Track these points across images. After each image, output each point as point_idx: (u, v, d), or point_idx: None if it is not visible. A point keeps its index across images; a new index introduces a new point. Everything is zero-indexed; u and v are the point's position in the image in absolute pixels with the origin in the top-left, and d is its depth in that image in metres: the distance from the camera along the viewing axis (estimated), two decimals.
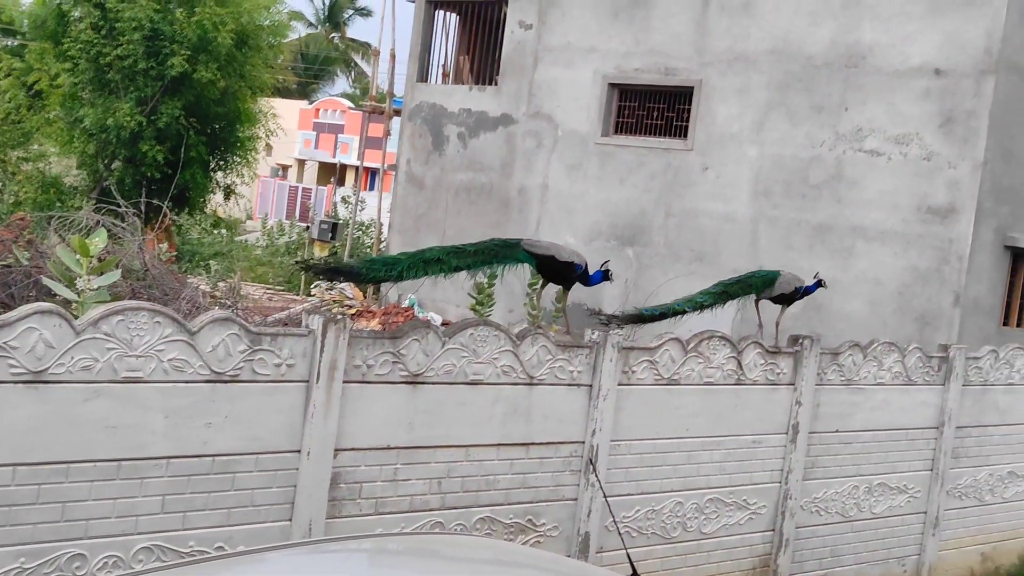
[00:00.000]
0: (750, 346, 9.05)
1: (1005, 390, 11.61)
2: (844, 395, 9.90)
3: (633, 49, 20.34)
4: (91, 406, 5.80)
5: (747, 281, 10.04)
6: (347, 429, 6.75)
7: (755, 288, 10.02)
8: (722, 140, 19.30)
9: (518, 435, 7.61)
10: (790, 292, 10.05)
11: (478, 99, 22.59)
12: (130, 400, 5.91)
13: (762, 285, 10.01)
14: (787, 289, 10.03)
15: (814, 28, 18.43)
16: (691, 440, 8.72)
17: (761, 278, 10.11)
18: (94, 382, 5.79)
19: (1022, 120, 17.43)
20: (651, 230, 20.01)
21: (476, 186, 22.44)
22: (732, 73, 19.24)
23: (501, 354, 7.42)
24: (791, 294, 10.06)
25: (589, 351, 7.95)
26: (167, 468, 6.08)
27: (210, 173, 29.76)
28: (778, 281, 10.00)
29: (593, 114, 20.78)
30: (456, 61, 23.74)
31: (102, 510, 5.89)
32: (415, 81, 23.70)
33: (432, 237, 22.93)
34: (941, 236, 17.15)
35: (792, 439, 9.46)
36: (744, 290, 9.93)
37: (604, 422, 8.05)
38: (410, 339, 6.97)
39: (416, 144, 23.50)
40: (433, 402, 7.13)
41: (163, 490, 6.09)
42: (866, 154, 17.82)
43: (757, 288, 10.02)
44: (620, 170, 20.44)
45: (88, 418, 5.80)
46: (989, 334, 17.17)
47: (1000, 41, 16.71)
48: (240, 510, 6.36)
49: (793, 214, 18.51)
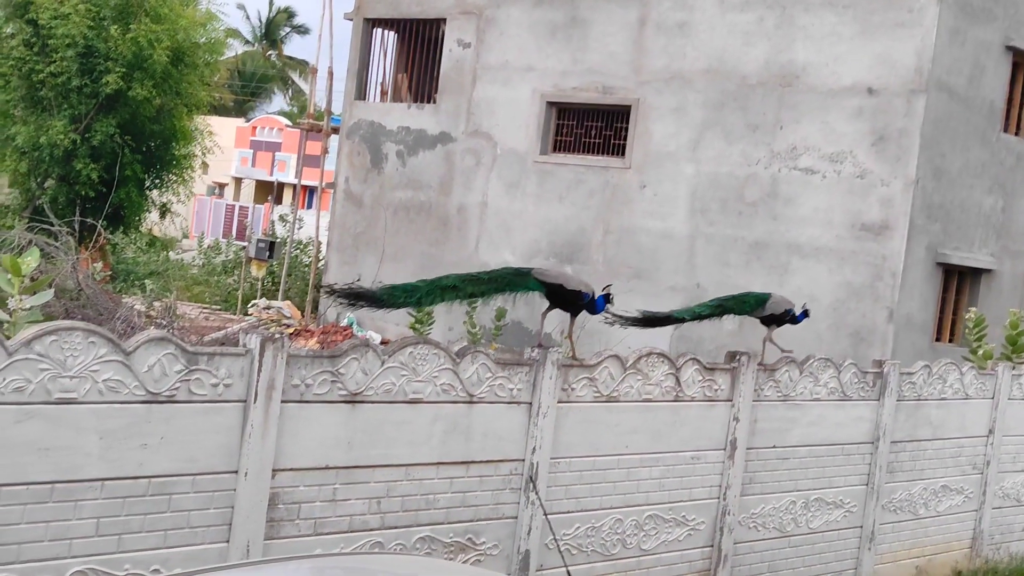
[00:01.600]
0: (688, 363, 9.12)
1: (938, 405, 11.79)
2: (781, 411, 10.00)
3: (571, 68, 20.47)
4: (23, 428, 5.70)
5: (741, 299, 10.56)
6: (285, 449, 6.70)
7: (748, 306, 10.47)
8: (659, 158, 19.47)
9: (458, 453, 7.59)
10: (780, 313, 10.50)
11: (417, 117, 22.59)
12: (64, 421, 5.83)
13: (755, 304, 10.47)
14: (776, 310, 10.48)
15: (748, 48, 18.67)
16: (630, 457, 8.75)
17: (754, 298, 10.61)
18: (27, 403, 5.70)
19: (952, 138, 17.76)
20: (590, 247, 20.11)
21: (415, 204, 22.42)
22: (668, 92, 19.43)
23: (441, 372, 7.41)
24: (780, 315, 10.51)
25: (529, 369, 7.96)
26: (102, 490, 5.99)
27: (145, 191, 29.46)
28: (768, 302, 10.46)
29: (532, 132, 20.87)
30: (394, 79, 23.74)
31: (35, 533, 5.79)
32: (353, 99, 23.65)
33: (371, 255, 22.87)
34: (875, 253, 17.41)
35: (730, 455, 9.54)
36: (739, 306, 10.40)
37: (544, 440, 8.06)
38: (349, 358, 6.93)
39: (354, 162, 23.44)
40: (372, 421, 7.10)
41: (98, 513, 5.99)
42: (801, 172, 18.06)
43: (750, 306, 10.48)
44: (559, 188, 20.53)
45: (20, 440, 5.70)
46: (922, 349, 17.45)
47: (930, 61, 17.03)
48: (176, 532, 6.28)
49: (729, 231, 18.70)
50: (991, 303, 18.73)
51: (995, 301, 18.94)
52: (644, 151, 19.62)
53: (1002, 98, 18.70)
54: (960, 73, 17.67)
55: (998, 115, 18.65)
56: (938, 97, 17.29)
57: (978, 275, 18.89)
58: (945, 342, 18.62)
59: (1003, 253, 19.31)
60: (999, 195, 18.97)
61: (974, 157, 18.26)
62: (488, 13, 21.53)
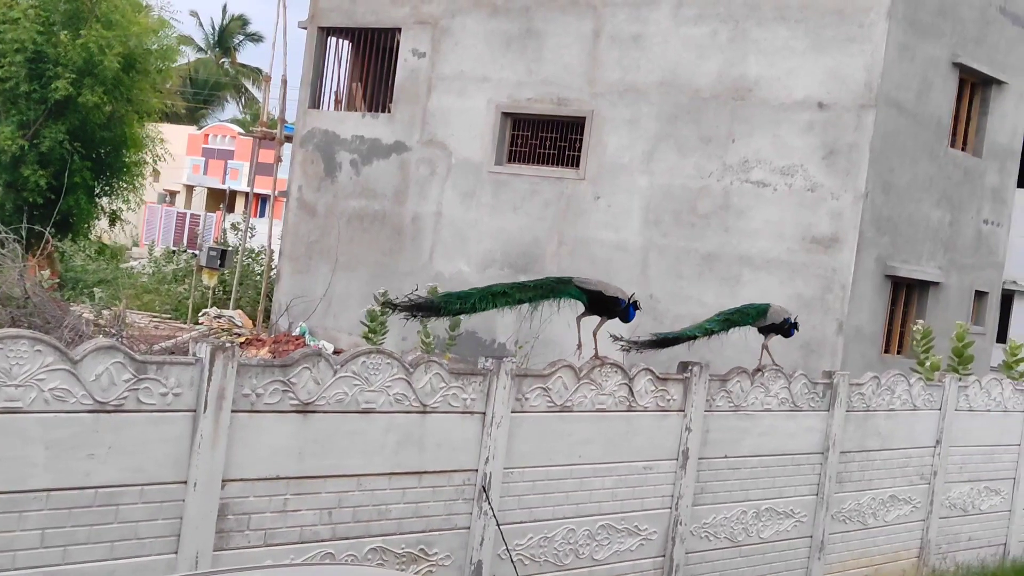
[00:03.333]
0: (641, 373, 9.13)
1: (886, 415, 11.89)
2: (733, 421, 10.04)
3: (526, 79, 20.50)
4: None
5: (744, 311, 10.98)
6: (235, 459, 6.62)
7: (751, 318, 10.90)
8: (613, 170, 19.53)
9: (411, 464, 7.55)
10: (779, 323, 10.95)
11: (371, 126, 22.52)
12: (9, 431, 5.72)
13: (756, 315, 10.91)
14: (776, 319, 10.93)
15: (702, 61, 18.78)
16: (583, 467, 8.74)
17: (755, 309, 11.05)
18: None
19: (901, 153, 17.97)
20: (544, 258, 20.12)
21: (369, 213, 22.34)
22: (623, 104, 19.51)
23: (394, 382, 7.37)
24: (780, 324, 10.95)
25: (483, 378, 7.94)
26: (47, 501, 5.89)
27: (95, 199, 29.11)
28: (769, 312, 10.92)
29: (487, 142, 20.87)
30: (349, 88, 23.65)
31: None
32: (307, 107, 23.54)
33: (324, 265, 22.74)
34: (825, 265, 17.55)
35: (682, 465, 9.56)
36: (743, 319, 10.84)
37: (497, 450, 8.03)
38: (301, 367, 6.88)
39: (308, 171, 23.32)
40: (324, 431, 7.04)
41: (43, 524, 5.89)
42: (753, 185, 18.19)
43: (753, 318, 10.90)
44: (514, 198, 20.54)
45: None
46: (871, 361, 17.61)
47: (879, 76, 17.22)
48: (124, 543, 6.19)
49: (682, 243, 18.78)
50: (938, 315, 18.95)
51: (942, 313, 19.16)
52: (598, 162, 19.67)
53: (949, 114, 18.93)
54: (909, 89, 17.88)
55: (945, 130, 18.89)
56: (887, 112, 17.48)
57: (926, 288, 19.10)
58: (894, 354, 18.80)
59: (950, 266, 19.55)
60: (946, 209, 19.21)
61: (922, 171, 18.48)
62: (443, 23, 21.52)
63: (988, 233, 20.51)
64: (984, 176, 20.09)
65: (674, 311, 18.20)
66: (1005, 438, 13.78)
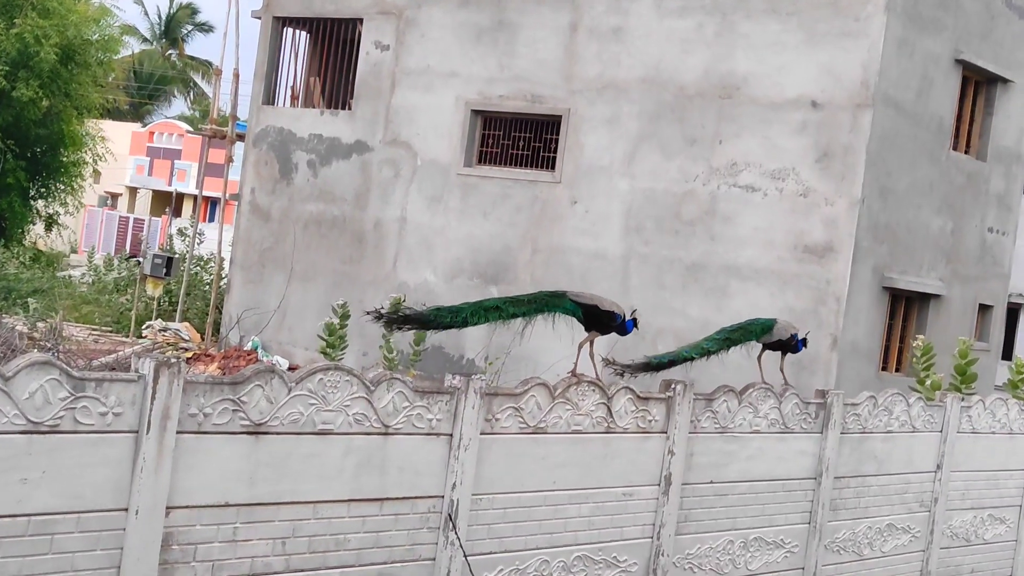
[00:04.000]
0: (620, 391, 9.16)
1: (884, 438, 11.96)
2: (719, 443, 10.08)
3: (497, 75, 20.55)
4: None
5: (747, 328, 11.07)
6: (181, 485, 6.60)
7: (755, 335, 11.01)
8: (591, 172, 19.59)
9: (371, 489, 7.54)
10: (787, 339, 11.10)
11: (330, 124, 22.51)
12: None
13: (760, 332, 11.02)
14: (783, 336, 11.08)
15: (687, 56, 18.88)
16: (558, 493, 8.75)
17: (760, 325, 11.15)
18: None
19: (900, 156, 18.10)
20: (516, 267, 20.16)
21: (327, 218, 22.32)
22: (602, 102, 19.58)
23: (353, 401, 7.36)
24: (787, 341, 11.11)
25: (449, 397, 7.94)
26: None
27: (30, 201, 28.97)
28: (775, 328, 11.04)
29: (455, 142, 20.90)
30: (306, 83, 23.64)
31: None
32: (261, 103, 23.50)
33: (279, 273, 22.70)
34: (818, 276, 17.65)
35: (665, 491, 9.59)
36: (745, 336, 10.95)
37: (465, 474, 8.03)
38: (252, 385, 6.87)
39: (261, 172, 23.28)
40: (277, 454, 7.02)
41: None
42: (741, 189, 18.28)
43: (756, 335, 11.01)
44: (484, 203, 20.57)
45: None
46: (867, 379, 17.72)
47: (877, 74, 17.36)
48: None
49: (665, 251, 18.86)
50: (940, 330, 19.09)
51: (944, 328, 19.30)
52: (575, 165, 19.74)
53: (951, 114, 19.10)
54: (908, 87, 18.03)
55: (947, 132, 19.05)
56: (885, 112, 17.62)
57: (926, 300, 19.25)
58: (892, 371, 18.92)
59: (952, 278, 19.70)
60: (948, 216, 19.37)
61: (922, 176, 18.63)
62: (408, 14, 21.55)
63: (993, 242, 20.69)
64: (989, 181, 20.28)
65: (656, 325, 18.26)
66: (1011, 462, 13.90)
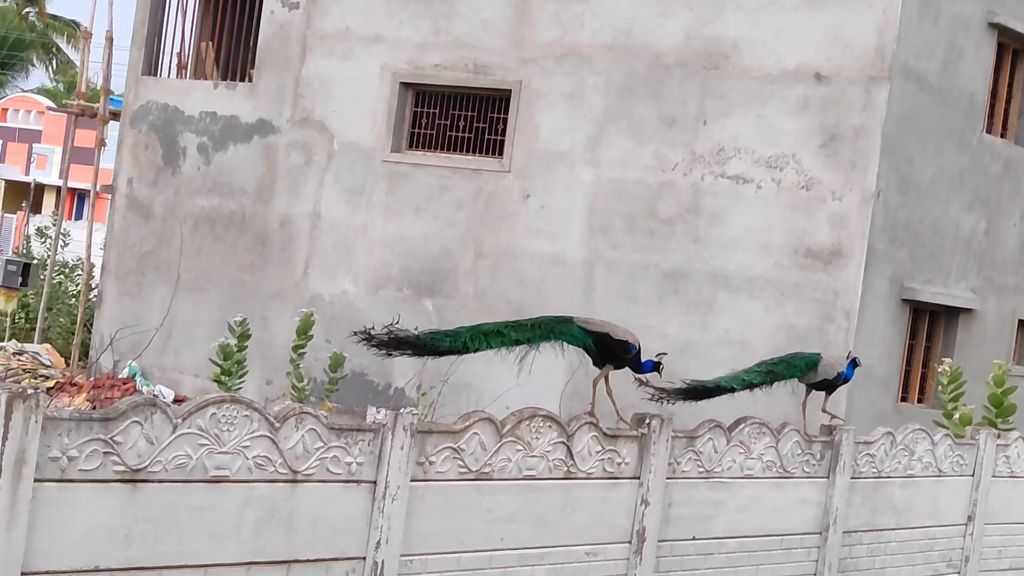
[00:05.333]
0: (583, 428, 9.16)
1: (903, 483, 12.04)
2: (703, 491, 10.10)
3: (432, 39, 20.53)
4: None
5: (790, 362, 11.64)
6: (39, 545, 6.54)
7: (798, 370, 11.54)
8: (548, 159, 19.60)
9: (276, 550, 7.51)
10: (832, 378, 11.64)
11: (226, 100, 22.40)
12: None
13: (804, 367, 11.58)
14: (829, 374, 11.61)
15: (664, 19, 18.94)
16: (507, 553, 8.75)
17: (803, 359, 11.74)
18: None
19: (923, 140, 18.21)
20: (456, 275, 20.13)
21: (223, 215, 22.21)
22: (560, 73, 19.60)
23: (254, 441, 7.33)
24: (833, 379, 11.67)
25: (373, 436, 7.92)
26: None
27: None
28: (820, 365, 11.59)
29: (380, 122, 20.86)
30: (197, 49, 23.52)
31: None
32: (140, 74, 23.36)
33: (161, 283, 22.54)
34: (824, 286, 17.74)
35: (637, 549, 9.60)
36: (788, 371, 11.50)
37: (392, 531, 8.01)
38: (129, 421, 6.82)
39: (141, 158, 23.13)
40: (160, 507, 6.98)
41: None
42: (730, 180, 18.36)
43: (800, 371, 11.55)
44: (416, 196, 20.53)
45: None
46: (884, 412, 17.82)
47: (895, 40, 17.46)
48: None
49: (638, 256, 18.89)
50: (971, 352, 19.24)
51: (976, 350, 19.45)
52: (528, 150, 19.75)
53: (984, 89, 19.28)
54: (932, 57, 18.17)
55: (980, 111, 19.21)
56: (904, 87, 17.75)
57: (954, 316, 19.39)
58: (913, 402, 19.05)
59: (986, 288, 19.87)
60: (981, 213, 19.53)
61: (950, 164, 18.78)
62: None
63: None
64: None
65: None
66: None
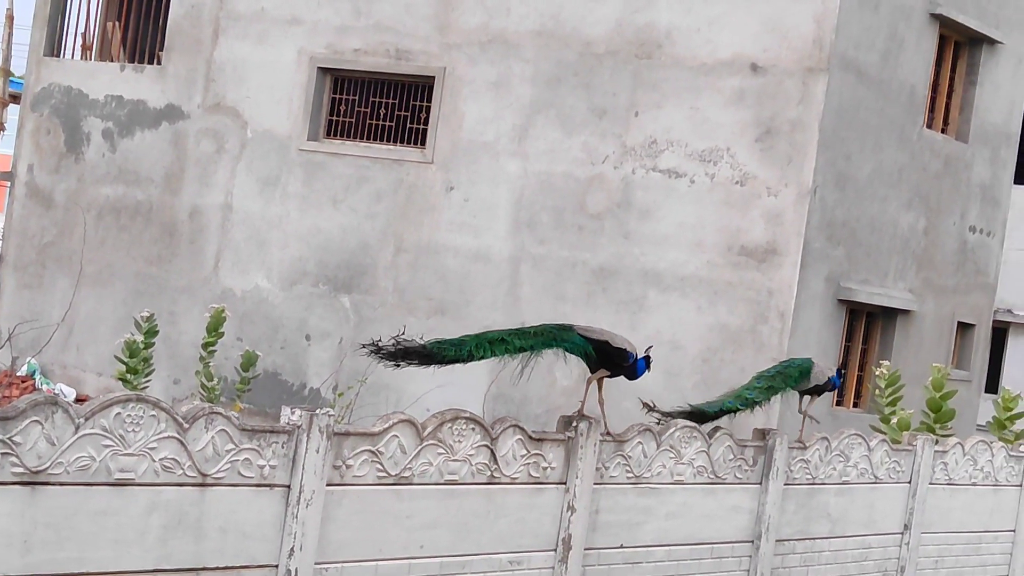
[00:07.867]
0: (507, 431, 9.18)
1: (838, 490, 12.13)
2: (632, 497, 10.14)
3: (352, 23, 20.48)
4: None
5: (785, 373, 11.94)
6: None
7: (793, 379, 11.87)
8: (472, 150, 19.61)
9: (183, 557, 7.47)
10: (823, 383, 12.03)
11: (134, 83, 22.24)
12: None
13: (798, 376, 11.89)
14: (821, 380, 11.98)
15: (595, 5, 18.99)
16: (427, 561, 8.74)
17: (797, 368, 12.02)
18: None
19: (861, 134, 18.36)
20: (375, 271, 20.10)
21: (129, 205, 22.04)
22: (486, 60, 19.62)
23: (161, 442, 7.29)
24: (823, 385, 12.06)
25: (287, 438, 7.90)
26: None
27: None
28: (812, 372, 11.89)
29: (296, 109, 20.79)
30: (103, 29, 23.34)
31: None
32: (42, 55, 23.14)
33: (63, 276, 22.34)
34: (758, 285, 17.86)
35: (563, 558, 9.63)
36: (785, 383, 11.85)
37: (306, 538, 7.99)
38: (28, 421, 6.77)
39: (42, 144, 22.91)
40: (61, 511, 6.93)
41: None
42: (662, 174, 18.44)
43: (795, 379, 11.88)
44: (334, 187, 20.48)
45: None
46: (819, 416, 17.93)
47: (834, 30, 17.60)
48: None
49: (566, 253, 18.94)
50: (908, 355, 19.45)
51: (914, 352, 19.66)
52: (452, 140, 19.75)
53: (925, 82, 19.47)
54: (872, 48, 18.33)
55: (920, 104, 19.41)
56: (843, 79, 17.90)
57: (892, 317, 19.58)
58: (849, 407, 19.23)
59: (925, 288, 20.07)
60: (921, 211, 19.73)
61: (889, 160, 18.95)
62: None
63: (976, 244, 21.13)
64: (971, 167, 20.69)
65: None
66: (995, 521, 14.17)
